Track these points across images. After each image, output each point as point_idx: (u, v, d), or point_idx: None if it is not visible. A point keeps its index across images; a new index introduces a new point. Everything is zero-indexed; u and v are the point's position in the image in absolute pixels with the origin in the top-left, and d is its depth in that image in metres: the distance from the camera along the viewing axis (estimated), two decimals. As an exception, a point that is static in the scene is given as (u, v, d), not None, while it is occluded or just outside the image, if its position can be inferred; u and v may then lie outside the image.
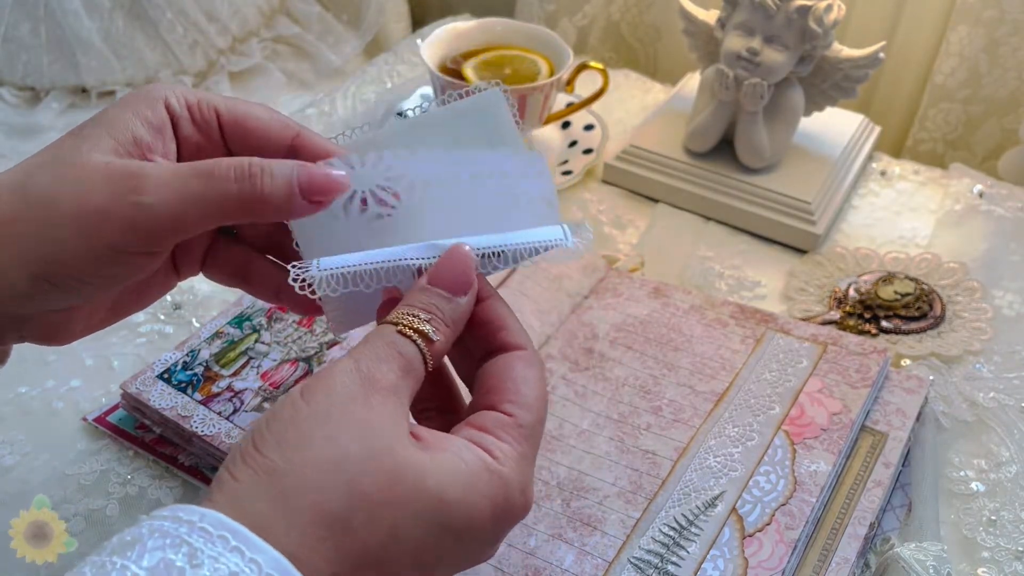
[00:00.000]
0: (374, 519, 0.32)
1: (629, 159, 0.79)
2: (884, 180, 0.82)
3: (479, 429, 0.37)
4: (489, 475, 0.35)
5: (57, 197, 0.37)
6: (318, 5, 1.13)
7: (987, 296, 0.68)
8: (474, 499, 0.34)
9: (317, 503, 0.32)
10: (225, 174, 0.37)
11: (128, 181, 0.37)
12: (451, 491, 0.34)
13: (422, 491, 0.33)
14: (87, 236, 0.37)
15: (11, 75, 1.03)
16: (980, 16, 0.90)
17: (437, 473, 0.34)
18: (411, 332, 0.36)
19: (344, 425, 0.33)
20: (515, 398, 0.38)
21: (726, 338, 0.61)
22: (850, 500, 0.51)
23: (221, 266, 0.45)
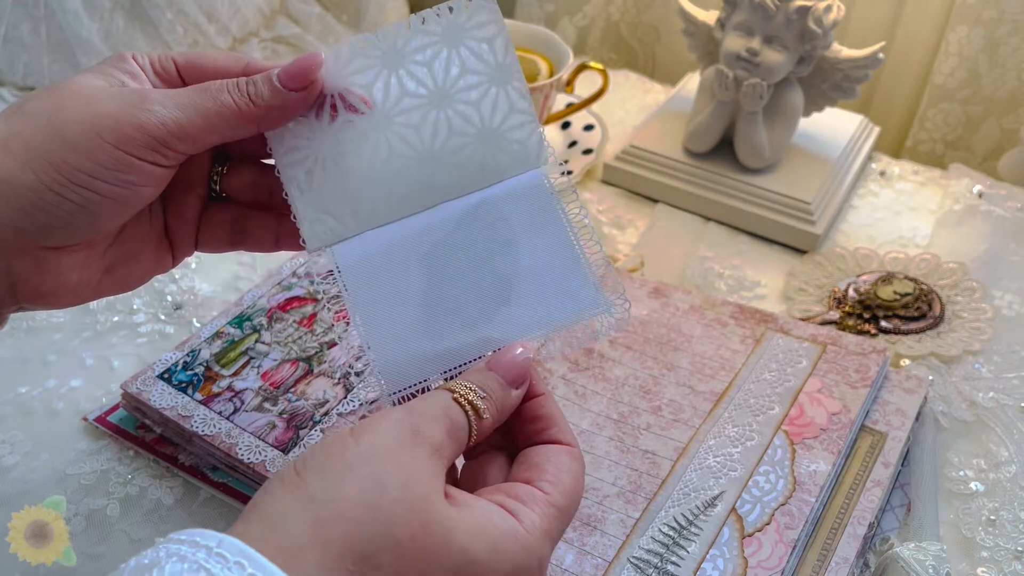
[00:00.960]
0: (401, 562, 0.33)
1: (629, 159, 0.80)
2: (884, 180, 0.82)
3: (512, 497, 0.38)
4: (514, 541, 0.36)
5: (61, 108, 0.39)
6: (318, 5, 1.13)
7: (986, 296, 0.68)
8: (497, 561, 0.35)
9: (349, 536, 0.32)
10: (220, 86, 0.41)
11: (134, 95, 0.40)
12: (477, 550, 0.35)
13: (451, 545, 0.34)
14: (96, 137, 0.38)
15: (11, 75, 1.03)
16: (980, 16, 0.90)
17: (467, 530, 0.35)
18: (465, 403, 0.38)
19: (387, 468, 0.34)
20: (554, 479, 0.38)
21: (726, 338, 0.61)
22: (849, 500, 0.52)
23: (216, 232, 0.46)
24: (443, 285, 0.42)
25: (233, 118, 0.41)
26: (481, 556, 0.34)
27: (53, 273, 0.41)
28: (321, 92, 0.42)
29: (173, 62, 0.44)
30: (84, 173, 0.38)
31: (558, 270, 0.43)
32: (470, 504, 0.36)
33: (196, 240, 0.46)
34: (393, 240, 0.43)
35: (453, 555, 0.34)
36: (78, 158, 0.38)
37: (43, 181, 0.38)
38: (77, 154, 0.38)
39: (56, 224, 0.39)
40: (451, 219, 0.43)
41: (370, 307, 0.42)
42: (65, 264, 0.41)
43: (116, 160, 0.39)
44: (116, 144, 0.39)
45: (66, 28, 1.00)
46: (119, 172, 0.39)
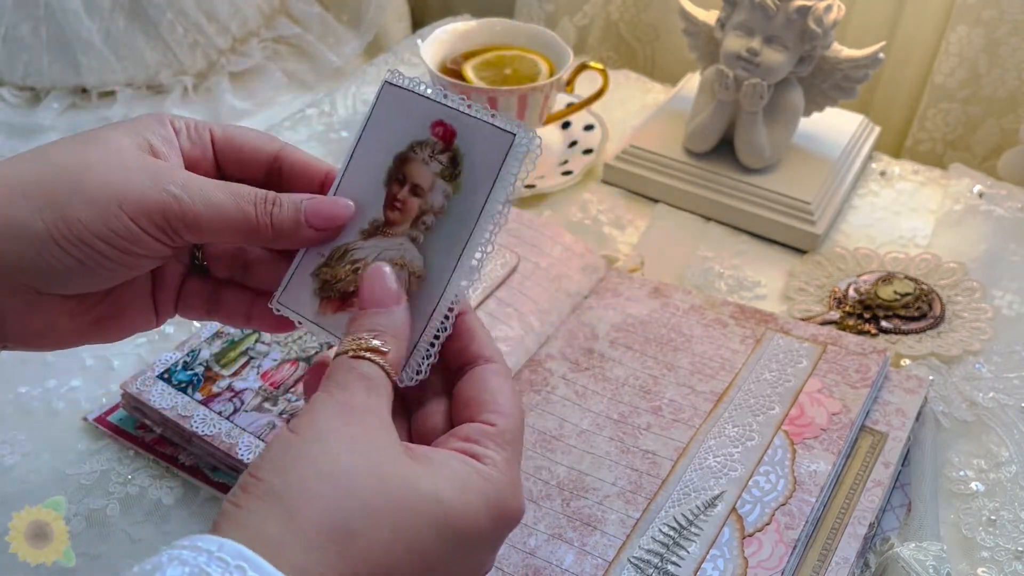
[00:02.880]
0: (375, 523, 0.33)
1: (629, 159, 0.79)
2: (884, 180, 0.82)
3: (463, 439, 0.38)
4: (480, 479, 0.36)
5: (89, 165, 0.39)
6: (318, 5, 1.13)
7: (987, 296, 0.68)
8: (470, 499, 0.35)
9: (319, 516, 0.33)
10: (247, 195, 0.41)
11: (162, 171, 0.40)
12: (446, 492, 0.35)
13: (420, 494, 0.34)
14: (115, 205, 0.38)
15: (11, 75, 1.03)
16: (980, 16, 0.90)
17: (432, 479, 0.35)
18: (364, 352, 0.38)
19: (334, 442, 0.35)
20: (493, 407, 0.39)
21: (726, 338, 0.61)
22: (850, 500, 0.52)
23: (194, 301, 0.47)
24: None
25: (249, 231, 0.41)
26: (452, 499, 0.35)
27: (43, 316, 0.41)
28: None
29: (210, 132, 0.44)
30: (93, 235, 0.39)
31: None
32: (429, 456, 0.36)
33: (176, 305, 0.47)
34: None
35: (424, 504, 0.34)
36: (92, 219, 0.38)
37: (51, 232, 0.38)
38: (92, 216, 0.38)
39: (53, 274, 0.39)
40: None
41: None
42: (56, 310, 0.42)
43: (128, 231, 0.39)
44: (132, 217, 0.39)
45: (66, 28, 1.00)
46: (127, 242, 0.39)
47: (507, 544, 0.49)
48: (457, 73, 0.79)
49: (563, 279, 0.65)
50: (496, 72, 0.79)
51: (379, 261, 0.41)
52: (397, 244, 0.41)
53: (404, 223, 0.41)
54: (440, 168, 0.41)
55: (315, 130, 0.86)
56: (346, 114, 0.89)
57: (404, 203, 0.41)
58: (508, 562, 0.48)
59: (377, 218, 0.41)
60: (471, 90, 0.75)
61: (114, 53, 1.02)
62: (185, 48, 1.05)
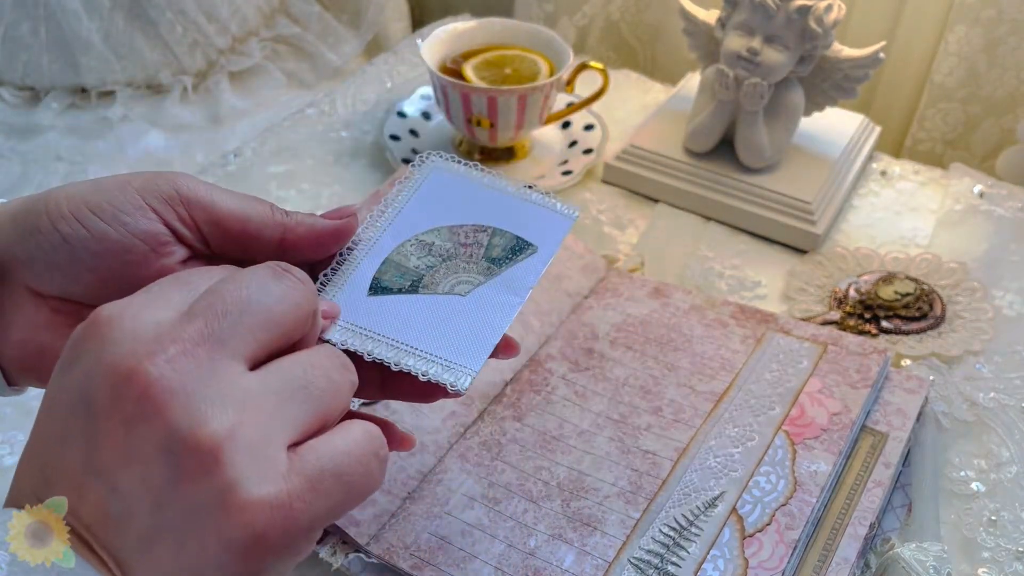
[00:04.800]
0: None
1: (629, 159, 0.79)
2: (884, 180, 0.82)
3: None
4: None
5: (124, 180, 0.39)
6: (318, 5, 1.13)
7: (987, 296, 0.68)
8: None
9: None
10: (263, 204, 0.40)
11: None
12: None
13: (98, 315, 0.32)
14: (126, 184, 0.38)
15: (11, 75, 1.03)
16: (979, 16, 0.90)
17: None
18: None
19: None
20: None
21: (726, 338, 0.61)
22: (850, 500, 0.51)
23: None
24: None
25: (261, 220, 0.39)
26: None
27: (21, 318, 0.39)
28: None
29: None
30: (88, 207, 0.37)
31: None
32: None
33: None
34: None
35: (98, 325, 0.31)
36: (96, 196, 0.37)
37: (47, 209, 0.37)
38: (98, 194, 0.37)
39: (37, 258, 0.38)
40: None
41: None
42: (33, 313, 0.39)
43: (128, 202, 0.38)
44: (139, 189, 0.38)
45: (66, 28, 1.00)
46: (122, 213, 0.38)
47: (507, 544, 0.49)
48: (457, 73, 0.79)
49: (563, 279, 0.65)
50: (496, 72, 0.79)
51: None
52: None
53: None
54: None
55: (315, 130, 0.86)
56: (346, 114, 0.89)
57: None
58: (508, 562, 0.48)
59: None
60: (471, 89, 0.75)
61: (114, 53, 1.02)
62: (185, 48, 1.05)
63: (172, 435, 0.29)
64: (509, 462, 0.53)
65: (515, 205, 0.45)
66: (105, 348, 0.30)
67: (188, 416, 0.29)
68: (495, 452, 0.54)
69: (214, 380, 0.30)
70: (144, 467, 0.29)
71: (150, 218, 0.38)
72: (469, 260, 0.43)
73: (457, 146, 0.83)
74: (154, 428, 0.29)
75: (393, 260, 0.42)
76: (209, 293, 0.32)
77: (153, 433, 0.29)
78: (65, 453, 0.30)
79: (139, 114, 1.03)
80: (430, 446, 0.53)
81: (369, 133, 0.86)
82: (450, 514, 0.50)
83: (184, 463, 0.29)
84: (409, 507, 0.51)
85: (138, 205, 0.38)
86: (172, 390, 0.29)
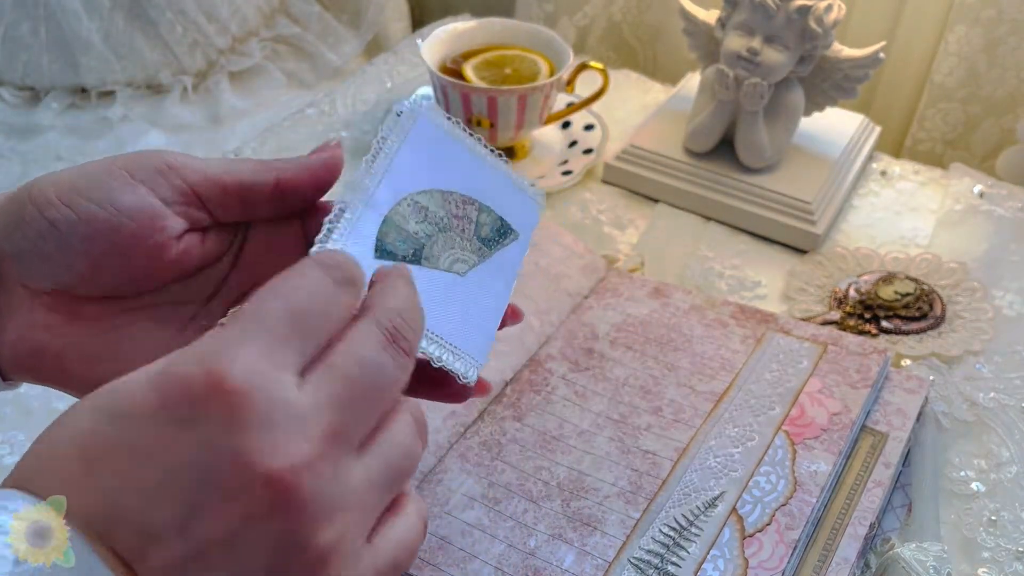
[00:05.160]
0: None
1: (629, 159, 0.79)
2: (884, 180, 0.82)
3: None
4: (173, 356, 0.30)
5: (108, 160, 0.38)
6: (318, 5, 1.13)
7: (987, 296, 0.68)
8: (135, 375, 0.29)
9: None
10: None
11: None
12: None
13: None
14: (110, 163, 0.37)
15: (11, 75, 1.03)
16: (979, 16, 0.90)
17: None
18: None
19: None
20: (268, 286, 0.34)
21: (726, 338, 0.61)
22: (850, 500, 0.52)
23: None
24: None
25: (251, 168, 0.39)
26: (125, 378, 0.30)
27: (17, 317, 0.38)
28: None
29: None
30: (74, 190, 0.36)
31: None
32: None
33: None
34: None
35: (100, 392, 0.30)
36: (82, 180, 0.36)
37: (32, 197, 0.36)
38: (83, 177, 0.37)
39: (26, 249, 0.37)
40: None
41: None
42: (28, 313, 0.38)
43: (115, 179, 0.37)
44: (125, 166, 0.37)
45: (66, 28, 1.00)
46: (111, 191, 0.36)
47: (507, 544, 0.49)
48: (457, 73, 0.79)
49: (563, 279, 0.65)
50: (496, 72, 0.79)
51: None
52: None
53: None
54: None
55: (315, 130, 0.86)
56: (346, 114, 0.89)
57: None
58: (508, 562, 0.48)
59: None
60: (471, 89, 0.75)
61: (114, 53, 1.02)
62: (185, 48, 1.05)
63: (289, 539, 0.28)
64: (509, 462, 0.53)
65: (495, 179, 0.45)
66: (236, 430, 0.28)
67: (311, 524, 0.28)
68: (495, 452, 0.54)
69: (338, 485, 0.29)
70: (246, 556, 0.28)
71: (139, 193, 0.37)
72: (462, 235, 0.42)
73: (457, 146, 0.83)
74: (273, 528, 0.28)
75: (393, 221, 0.41)
76: (330, 369, 0.30)
77: (270, 532, 0.28)
78: (151, 500, 0.28)
79: (139, 114, 1.04)
80: (430, 446, 0.53)
81: (369, 133, 0.86)
82: (450, 514, 0.50)
83: (292, 566, 0.28)
84: (409, 507, 0.51)
85: (126, 181, 0.37)
86: (304, 500, 0.28)
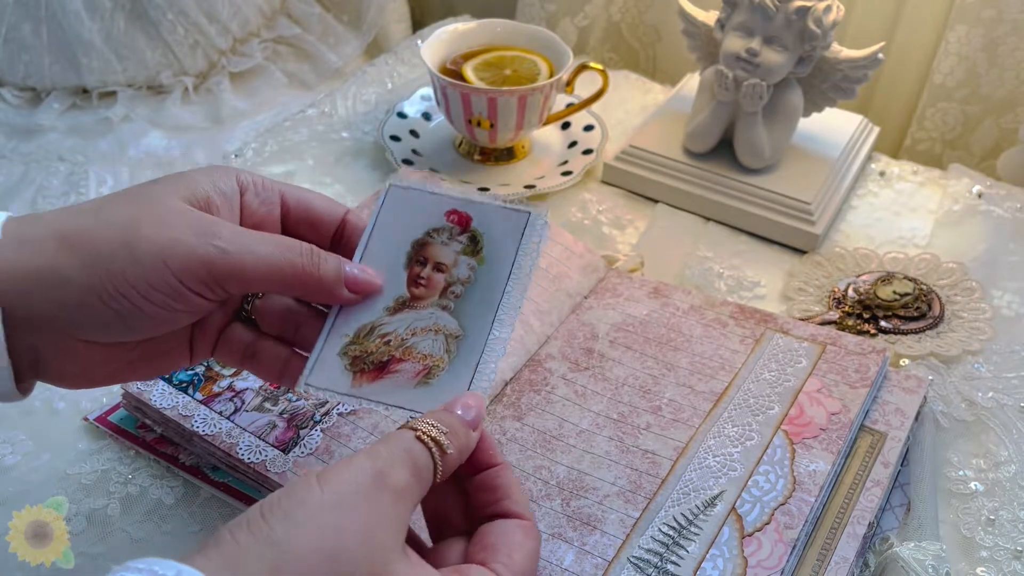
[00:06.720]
0: None
1: (629, 159, 0.80)
2: (883, 180, 0.82)
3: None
4: None
5: (139, 221, 0.40)
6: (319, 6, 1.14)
7: (986, 296, 0.68)
8: None
9: None
10: (295, 247, 0.43)
11: (209, 226, 0.41)
12: None
13: None
14: (161, 263, 0.40)
15: (12, 76, 1.03)
16: (979, 16, 0.90)
17: None
18: (428, 440, 0.39)
19: (348, 517, 0.35)
20: (507, 561, 0.39)
21: (725, 338, 0.61)
22: (849, 499, 0.52)
23: (233, 348, 0.48)
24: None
25: (293, 280, 0.43)
26: None
27: (78, 359, 0.42)
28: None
29: (281, 194, 0.46)
30: (136, 290, 0.40)
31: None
32: (426, 570, 0.36)
33: (213, 348, 0.48)
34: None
35: None
36: (136, 276, 0.40)
37: (93, 285, 0.39)
38: (137, 272, 0.40)
39: (89, 325, 0.41)
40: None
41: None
42: (91, 355, 0.43)
43: (171, 288, 0.40)
44: (177, 274, 0.40)
45: (67, 29, 1.00)
46: (169, 299, 0.41)
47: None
48: (457, 73, 0.79)
49: (563, 279, 0.65)
50: (496, 73, 0.79)
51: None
52: (427, 315, 0.46)
53: (430, 296, 0.46)
54: (461, 247, 0.47)
55: (315, 130, 0.87)
56: (346, 114, 0.89)
57: (428, 279, 0.47)
58: (508, 561, 0.48)
59: (401, 295, 0.46)
60: (471, 90, 0.75)
61: (115, 54, 1.03)
62: (186, 48, 1.05)
63: None
64: (509, 461, 0.53)
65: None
66: None
67: None
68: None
69: None
70: None
71: (190, 300, 0.41)
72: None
73: (457, 146, 0.83)
74: None
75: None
76: None
77: None
78: None
79: (140, 115, 1.04)
80: (430, 445, 0.53)
81: (369, 134, 0.86)
82: (450, 513, 0.51)
83: None
84: (409, 506, 0.51)
85: (179, 292, 0.41)
86: None
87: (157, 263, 0.40)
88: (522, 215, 0.48)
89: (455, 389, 0.43)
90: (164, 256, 0.40)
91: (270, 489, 0.52)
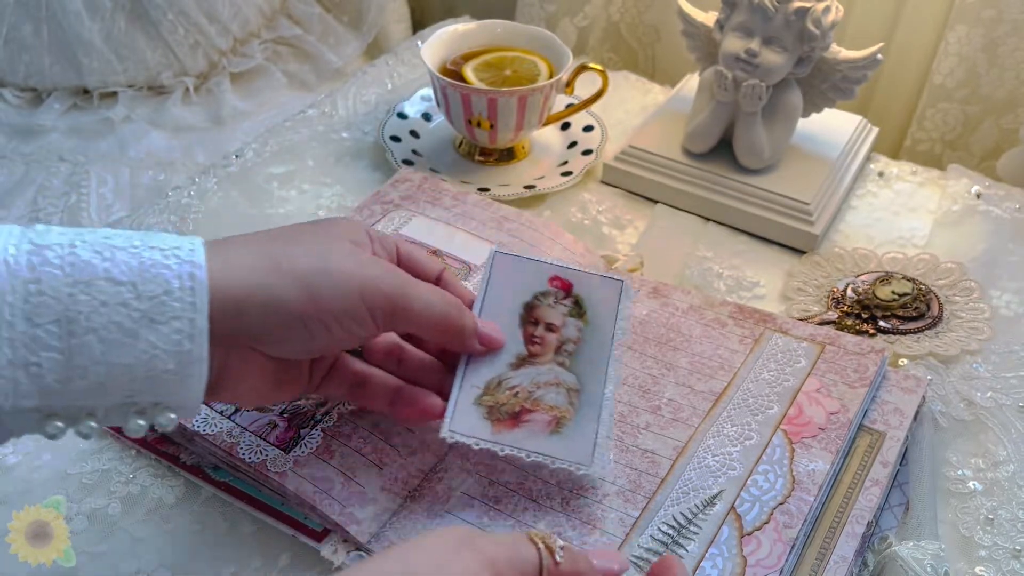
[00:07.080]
0: None
1: (628, 160, 0.80)
2: (882, 181, 0.82)
3: None
4: None
5: (332, 252, 0.45)
6: (319, 6, 1.14)
7: (985, 296, 0.69)
8: None
9: None
10: (451, 299, 0.49)
11: (392, 267, 0.48)
12: None
13: None
14: (357, 293, 0.45)
15: (13, 76, 1.04)
16: (979, 16, 0.90)
17: None
18: (539, 541, 0.40)
19: (422, 560, 0.37)
20: None
21: (725, 338, 0.61)
22: (848, 499, 0.52)
23: (342, 377, 0.51)
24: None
25: (444, 328, 0.49)
26: None
27: (254, 377, 0.46)
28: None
29: (396, 247, 0.51)
30: (331, 313, 0.44)
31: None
32: None
33: (321, 380, 0.51)
34: None
35: None
36: (334, 300, 0.44)
37: (302, 310, 0.43)
38: (335, 297, 0.44)
39: (285, 341, 0.45)
40: None
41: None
42: (264, 373, 0.46)
43: (359, 315, 0.45)
44: (369, 305, 0.45)
45: (67, 29, 1.00)
46: (355, 324, 0.45)
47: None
48: (457, 74, 0.79)
49: (563, 279, 0.65)
50: (496, 73, 0.79)
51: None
52: (547, 370, 0.52)
53: (546, 354, 0.52)
54: (567, 309, 0.54)
55: (316, 130, 0.87)
56: (346, 115, 0.89)
57: (542, 338, 0.53)
58: (508, 561, 0.48)
59: (520, 352, 0.52)
60: (471, 91, 0.75)
61: (115, 54, 1.03)
62: (186, 49, 1.05)
63: None
64: (509, 461, 0.54)
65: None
66: None
67: None
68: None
69: None
70: None
71: (368, 328, 0.46)
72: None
73: (457, 147, 0.83)
74: None
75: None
76: None
77: None
78: None
79: (141, 115, 1.04)
80: (431, 445, 0.54)
81: (370, 134, 0.86)
82: (451, 512, 0.51)
83: None
84: (410, 505, 0.51)
85: (363, 320, 0.46)
86: None
87: (352, 293, 0.44)
88: (616, 283, 0.55)
89: (584, 438, 0.50)
90: (360, 288, 0.45)
91: (271, 489, 0.52)
